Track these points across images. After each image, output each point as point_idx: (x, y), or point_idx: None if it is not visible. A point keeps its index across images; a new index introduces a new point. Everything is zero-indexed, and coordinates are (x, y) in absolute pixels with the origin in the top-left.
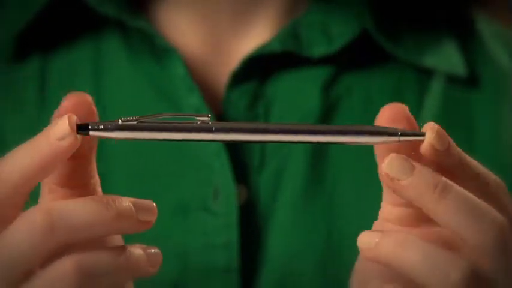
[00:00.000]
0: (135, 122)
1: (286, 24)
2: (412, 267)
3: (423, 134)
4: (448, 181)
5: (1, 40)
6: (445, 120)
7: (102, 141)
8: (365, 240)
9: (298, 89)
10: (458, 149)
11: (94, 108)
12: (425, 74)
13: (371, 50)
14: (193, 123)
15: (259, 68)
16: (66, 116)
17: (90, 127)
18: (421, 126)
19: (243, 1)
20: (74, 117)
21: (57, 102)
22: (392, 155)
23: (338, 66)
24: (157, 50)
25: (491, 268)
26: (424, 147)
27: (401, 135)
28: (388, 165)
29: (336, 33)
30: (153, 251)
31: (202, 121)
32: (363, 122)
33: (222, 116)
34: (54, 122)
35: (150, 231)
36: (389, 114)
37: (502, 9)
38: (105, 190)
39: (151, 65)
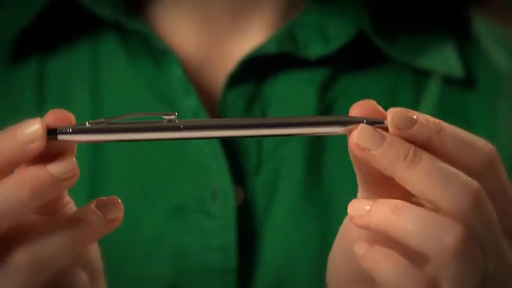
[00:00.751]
0: (103, 124)
1: (283, 25)
2: (406, 233)
3: (383, 121)
4: (418, 149)
5: (0, 41)
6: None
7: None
8: (356, 207)
9: (295, 90)
10: (435, 123)
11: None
12: (422, 75)
13: (368, 51)
14: (161, 121)
15: (255, 69)
16: (38, 119)
17: (58, 131)
18: None
19: (240, 2)
20: (44, 122)
21: (56, 104)
22: (362, 125)
23: (335, 67)
24: (154, 51)
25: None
26: (390, 131)
27: (367, 123)
28: (359, 135)
29: (333, 34)
30: (108, 205)
31: (169, 119)
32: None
33: (219, 117)
34: (23, 123)
35: (147, 231)
36: (359, 110)
37: (501, 9)
38: (103, 191)
39: (148, 67)
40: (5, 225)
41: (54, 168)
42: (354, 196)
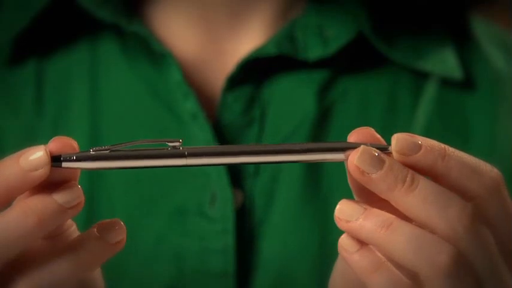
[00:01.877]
0: (108, 151)
1: (282, 26)
2: (397, 249)
3: (387, 147)
4: (416, 174)
5: None
6: (440, 123)
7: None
8: (345, 210)
9: (294, 92)
10: (440, 148)
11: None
12: (421, 77)
13: (367, 53)
14: (166, 149)
15: (254, 71)
16: (42, 147)
17: (62, 158)
18: (415, 128)
19: (239, 4)
20: (48, 149)
21: (54, 106)
22: (364, 148)
23: (334, 69)
24: (153, 54)
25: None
26: (394, 157)
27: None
28: (360, 158)
29: (332, 36)
30: (111, 230)
31: (174, 146)
32: (358, 124)
33: (217, 120)
34: (26, 150)
35: (147, 234)
36: (357, 137)
37: (501, 10)
38: (103, 196)
39: (147, 69)
40: (10, 254)
41: (61, 197)
42: (352, 199)
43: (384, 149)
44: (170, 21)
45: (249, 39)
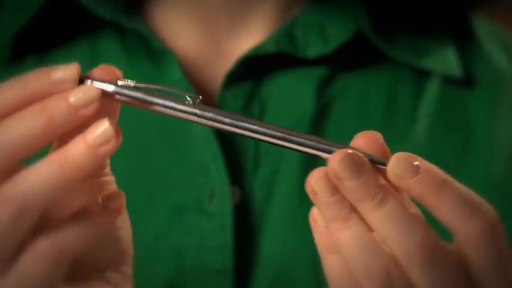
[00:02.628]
0: (132, 84)
1: (282, 24)
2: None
3: (384, 163)
4: (388, 194)
5: None
6: (441, 122)
7: None
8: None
9: (293, 89)
10: (438, 178)
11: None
12: (422, 75)
13: (367, 51)
14: (183, 101)
15: (254, 68)
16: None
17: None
18: (415, 126)
19: (240, 3)
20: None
21: None
22: (346, 153)
23: (333, 67)
24: (153, 51)
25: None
26: (388, 176)
27: (370, 160)
28: (341, 163)
29: (332, 33)
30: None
31: (193, 101)
32: (358, 122)
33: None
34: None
35: (147, 231)
36: (362, 141)
37: (501, 9)
38: None
39: (147, 67)
40: (41, 204)
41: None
42: None
43: (379, 163)
44: (170, 19)
45: (249, 37)
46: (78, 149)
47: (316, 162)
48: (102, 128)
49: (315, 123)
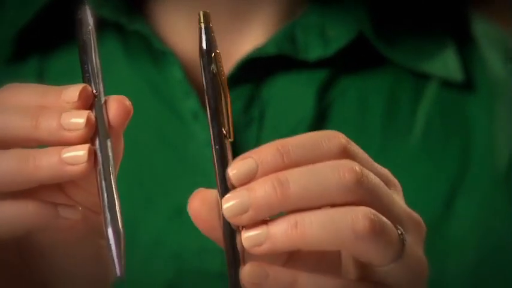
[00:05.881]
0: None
1: (283, 26)
2: (317, 240)
3: None
4: (279, 174)
5: (0, 40)
6: (440, 125)
7: None
8: (251, 238)
9: (294, 91)
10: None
11: None
12: (421, 78)
13: (367, 54)
14: None
15: (254, 71)
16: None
17: None
18: (414, 129)
19: (241, 3)
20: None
21: None
22: (223, 199)
23: (334, 69)
24: (154, 52)
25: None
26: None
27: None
28: (226, 209)
29: (333, 36)
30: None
31: None
32: (357, 125)
33: None
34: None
35: (146, 233)
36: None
37: (501, 10)
38: None
39: (148, 67)
40: None
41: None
42: None
43: None
44: (171, 21)
45: (250, 39)
46: (51, 155)
47: None
48: (81, 152)
49: (315, 126)
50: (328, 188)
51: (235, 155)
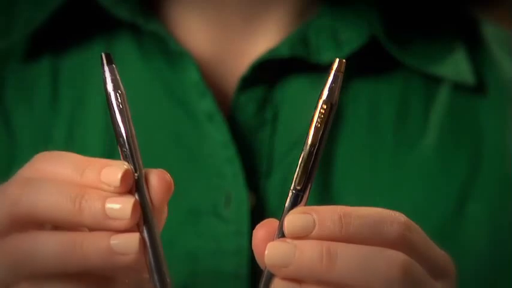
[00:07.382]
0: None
1: (296, 27)
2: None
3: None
4: (332, 245)
5: (15, 39)
6: (452, 128)
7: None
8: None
9: (306, 94)
10: (335, 215)
11: None
12: (433, 81)
13: (379, 57)
14: None
15: (267, 72)
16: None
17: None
18: (427, 132)
19: (254, 5)
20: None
21: (70, 103)
22: (269, 244)
23: (346, 72)
24: (170, 53)
25: None
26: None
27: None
28: (269, 256)
29: (345, 39)
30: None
31: None
32: (369, 129)
33: (231, 121)
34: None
35: (161, 235)
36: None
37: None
38: None
39: (163, 68)
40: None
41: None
42: (362, 201)
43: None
44: (186, 21)
45: (264, 40)
46: (99, 243)
47: (328, 166)
48: (131, 242)
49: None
50: (371, 276)
51: (249, 159)
